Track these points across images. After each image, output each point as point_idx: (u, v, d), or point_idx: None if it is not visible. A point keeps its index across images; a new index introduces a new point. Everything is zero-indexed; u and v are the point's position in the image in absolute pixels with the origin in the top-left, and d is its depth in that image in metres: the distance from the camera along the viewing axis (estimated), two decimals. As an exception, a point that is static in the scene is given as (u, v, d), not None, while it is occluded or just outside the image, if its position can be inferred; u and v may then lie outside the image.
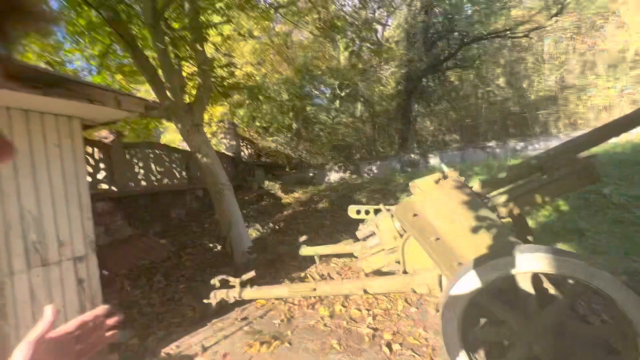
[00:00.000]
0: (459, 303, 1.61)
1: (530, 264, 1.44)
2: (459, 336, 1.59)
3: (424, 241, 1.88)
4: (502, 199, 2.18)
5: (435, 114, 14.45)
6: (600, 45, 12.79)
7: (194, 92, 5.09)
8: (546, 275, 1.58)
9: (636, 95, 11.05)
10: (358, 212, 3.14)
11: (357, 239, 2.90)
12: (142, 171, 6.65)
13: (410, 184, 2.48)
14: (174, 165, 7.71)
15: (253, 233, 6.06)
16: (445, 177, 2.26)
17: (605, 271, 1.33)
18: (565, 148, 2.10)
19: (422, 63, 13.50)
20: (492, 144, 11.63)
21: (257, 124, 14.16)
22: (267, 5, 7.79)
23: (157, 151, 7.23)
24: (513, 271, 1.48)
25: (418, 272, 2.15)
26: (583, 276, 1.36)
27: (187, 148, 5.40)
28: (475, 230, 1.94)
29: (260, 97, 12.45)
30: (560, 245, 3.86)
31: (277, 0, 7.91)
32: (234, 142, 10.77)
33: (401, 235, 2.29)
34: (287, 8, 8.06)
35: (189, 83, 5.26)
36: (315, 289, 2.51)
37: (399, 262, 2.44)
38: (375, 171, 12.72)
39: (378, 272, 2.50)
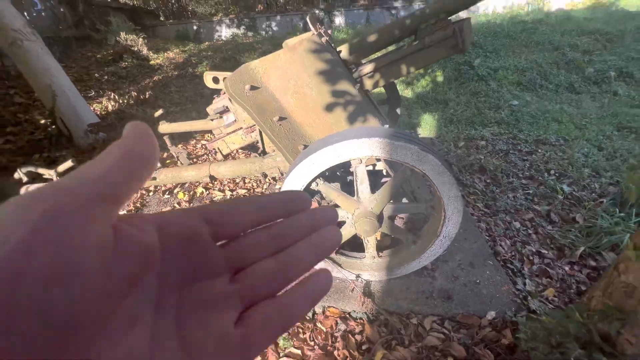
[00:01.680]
0: (296, 188, 1.44)
1: (365, 150, 1.27)
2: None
3: (263, 122, 1.52)
4: (369, 68, 1.86)
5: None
6: None
7: None
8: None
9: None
10: (215, 80, 2.49)
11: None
12: None
13: (283, 44, 1.90)
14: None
15: (108, 105, 4.79)
16: (314, 34, 1.75)
17: (431, 155, 1.25)
18: (440, 6, 1.75)
19: None
20: (398, 4, 10.85)
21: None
22: None
23: None
24: (348, 157, 1.31)
25: (271, 154, 1.90)
26: (413, 161, 1.28)
27: None
28: (328, 108, 1.65)
29: None
30: (425, 115, 4.17)
31: None
32: (60, -35, 7.13)
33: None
34: None
35: None
36: (155, 178, 2.09)
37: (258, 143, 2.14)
38: (275, 28, 10.93)
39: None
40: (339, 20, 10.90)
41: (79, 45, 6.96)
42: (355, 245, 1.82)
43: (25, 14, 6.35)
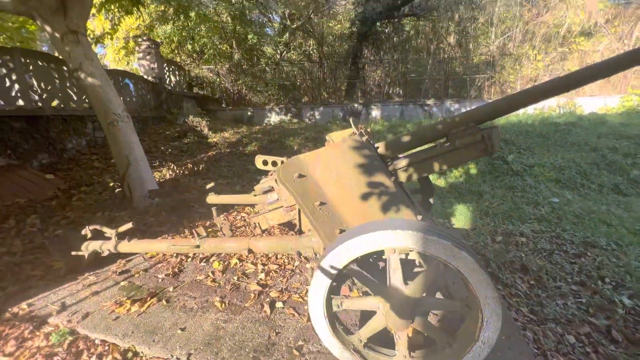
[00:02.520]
0: (329, 273, 1.49)
1: (400, 241, 1.34)
2: (325, 309, 1.51)
3: (306, 205, 1.68)
4: (403, 163, 2.05)
5: (384, 63, 14.05)
6: (542, 16, 13.24)
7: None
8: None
9: (559, 71, 12.02)
10: (265, 162, 2.82)
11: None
12: (16, 86, 5.24)
13: (327, 136, 2.21)
14: (69, 85, 6.28)
15: (166, 174, 5.45)
16: (355, 133, 2.03)
17: (464, 251, 1.28)
18: (469, 116, 1.98)
19: (378, 4, 12.54)
20: (430, 102, 11.92)
21: (189, 46, 12.18)
22: None
23: (40, 63, 5.71)
24: (383, 246, 1.38)
25: (307, 234, 2.01)
26: (446, 256, 1.31)
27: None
28: (365, 197, 1.80)
29: (192, 14, 10.55)
30: (459, 205, 4.17)
31: None
32: (155, 66, 9.14)
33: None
34: None
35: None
36: (198, 246, 2.26)
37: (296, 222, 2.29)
38: (318, 117, 12.32)
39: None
40: (375, 113, 12.07)
41: (155, 123, 8.32)
42: (387, 340, 1.72)
43: (121, 98, 7.95)
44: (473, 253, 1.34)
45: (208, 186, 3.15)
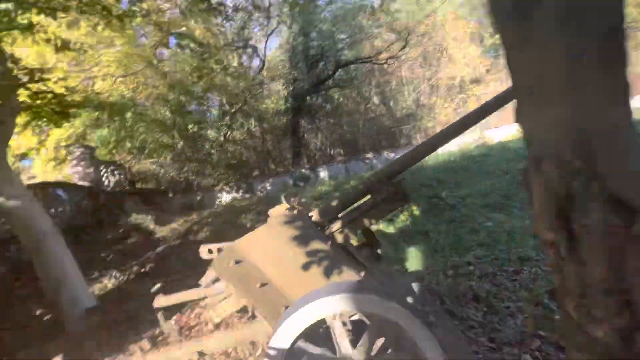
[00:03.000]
0: (278, 357, 1.47)
1: (332, 307, 1.41)
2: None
3: (247, 291, 1.71)
4: (337, 225, 2.21)
5: (322, 129, 15.38)
6: (439, 73, 16.13)
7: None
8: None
9: (465, 112, 14.32)
10: (210, 251, 2.79)
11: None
12: None
13: (269, 212, 2.31)
14: (-14, 208, 5.74)
15: (108, 284, 4.95)
16: (291, 208, 2.18)
17: (394, 302, 1.39)
18: (382, 173, 2.29)
19: (304, 82, 14.24)
20: (369, 155, 13.04)
21: (128, 144, 12.17)
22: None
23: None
24: (320, 315, 1.43)
25: (255, 320, 1.97)
26: (379, 310, 1.40)
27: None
28: (305, 267, 1.88)
29: (128, 115, 10.80)
30: (410, 248, 4.40)
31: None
32: (91, 170, 8.87)
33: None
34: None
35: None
36: (142, 364, 2.04)
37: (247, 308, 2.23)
38: (269, 188, 12.56)
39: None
40: (322, 174, 12.74)
41: (92, 230, 7.73)
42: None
43: (52, 210, 7.38)
44: (403, 300, 1.46)
45: (153, 289, 2.95)
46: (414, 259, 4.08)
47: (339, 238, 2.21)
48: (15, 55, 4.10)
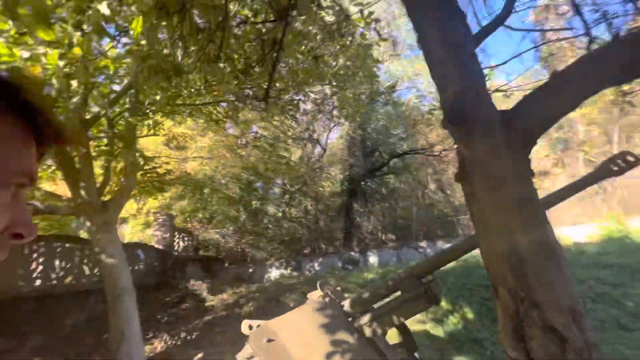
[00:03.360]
0: None
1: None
2: None
3: (275, 370, 1.88)
4: (367, 318, 2.34)
5: (375, 212, 15.58)
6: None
7: (116, 188, 5.10)
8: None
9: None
10: (250, 327, 3.05)
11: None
12: (40, 268, 5.89)
13: (307, 295, 2.58)
14: (86, 261, 6.98)
15: (158, 346, 5.30)
16: (325, 295, 2.42)
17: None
18: (411, 271, 2.43)
19: (361, 168, 15.27)
20: (423, 244, 12.51)
21: (200, 215, 13.90)
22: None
23: (68, 245, 6.61)
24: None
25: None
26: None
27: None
28: (329, 356, 2.01)
29: (206, 190, 12.67)
30: (460, 357, 3.96)
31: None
32: (167, 235, 10.25)
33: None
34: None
35: (114, 179, 5.28)
36: None
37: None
38: (317, 268, 12.56)
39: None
40: (372, 259, 12.42)
41: (157, 290, 8.54)
42: None
43: (130, 268, 8.51)
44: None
45: (195, 358, 3.20)
46: (462, 372, 3.65)
47: (368, 332, 2.31)
48: (140, 147, 5.63)
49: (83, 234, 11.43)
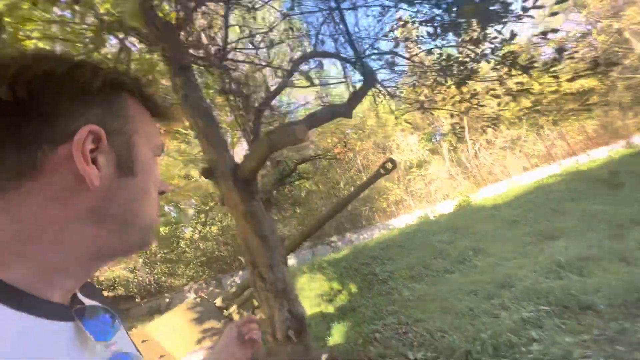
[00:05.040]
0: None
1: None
2: None
3: (149, 363, 2.41)
4: (234, 308, 3.03)
5: (288, 218, 16.49)
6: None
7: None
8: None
9: (413, 190, 16.13)
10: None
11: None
12: None
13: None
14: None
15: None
16: (197, 297, 3.00)
17: None
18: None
19: (271, 178, 15.99)
20: (334, 238, 13.93)
21: (99, 253, 12.52)
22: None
23: None
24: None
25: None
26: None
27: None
28: (200, 341, 2.63)
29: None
30: (338, 324, 4.99)
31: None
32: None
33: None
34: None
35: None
36: None
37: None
38: (239, 281, 12.75)
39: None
40: (291, 262, 13.25)
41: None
42: None
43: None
44: None
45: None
46: (339, 334, 4.66)
47: (236, 318, 3.00)
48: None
49: None
